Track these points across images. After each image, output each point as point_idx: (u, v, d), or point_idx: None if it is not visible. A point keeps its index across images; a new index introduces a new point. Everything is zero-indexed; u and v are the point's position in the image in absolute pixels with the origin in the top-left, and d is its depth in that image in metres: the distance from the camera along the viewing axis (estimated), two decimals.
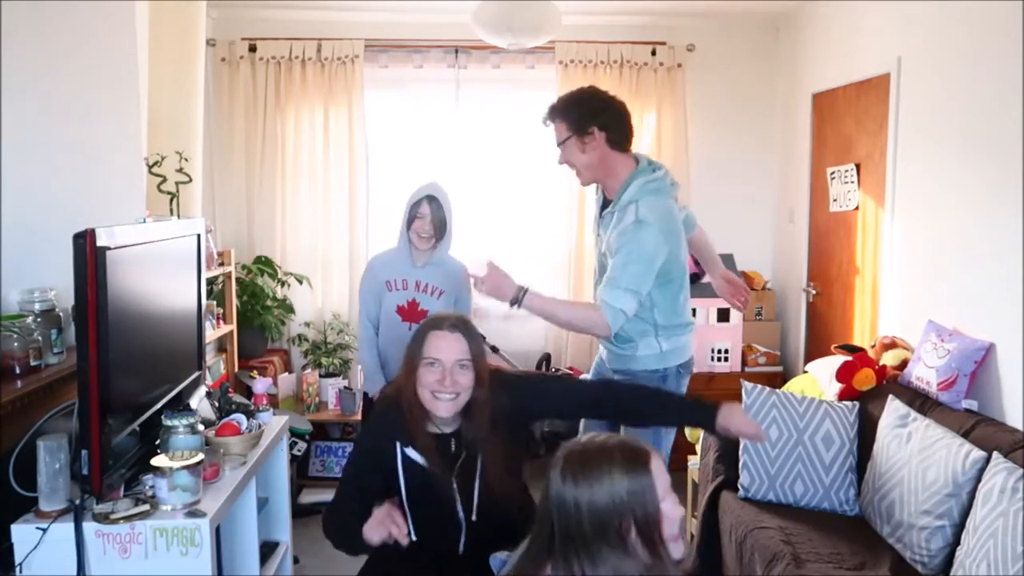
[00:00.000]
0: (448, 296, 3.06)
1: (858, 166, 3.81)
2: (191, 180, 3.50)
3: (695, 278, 4.36)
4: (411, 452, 1.89)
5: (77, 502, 1.83)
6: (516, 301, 2.40)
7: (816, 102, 4.29)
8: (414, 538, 1.85)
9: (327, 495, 4.10)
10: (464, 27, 4.00)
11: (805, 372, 3.61)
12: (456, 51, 4.60)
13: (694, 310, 4.32)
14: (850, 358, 3.17)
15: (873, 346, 3.34)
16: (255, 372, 4.03)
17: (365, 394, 3.18)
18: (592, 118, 2.45)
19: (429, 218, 2.97)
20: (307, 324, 4.62)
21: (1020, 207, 2.66)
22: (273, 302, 4.44)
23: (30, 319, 2.28)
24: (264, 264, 4.47)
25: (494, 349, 3.82)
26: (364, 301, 3.13)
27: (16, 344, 2.18)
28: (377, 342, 3.11)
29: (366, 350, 3.12)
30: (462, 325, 1.90)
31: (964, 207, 2.99)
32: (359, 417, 4.12)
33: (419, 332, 1.91)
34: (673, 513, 1.35)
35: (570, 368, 4.60)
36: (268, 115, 4.51)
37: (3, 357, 2.16)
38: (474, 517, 1.90)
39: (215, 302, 4.00)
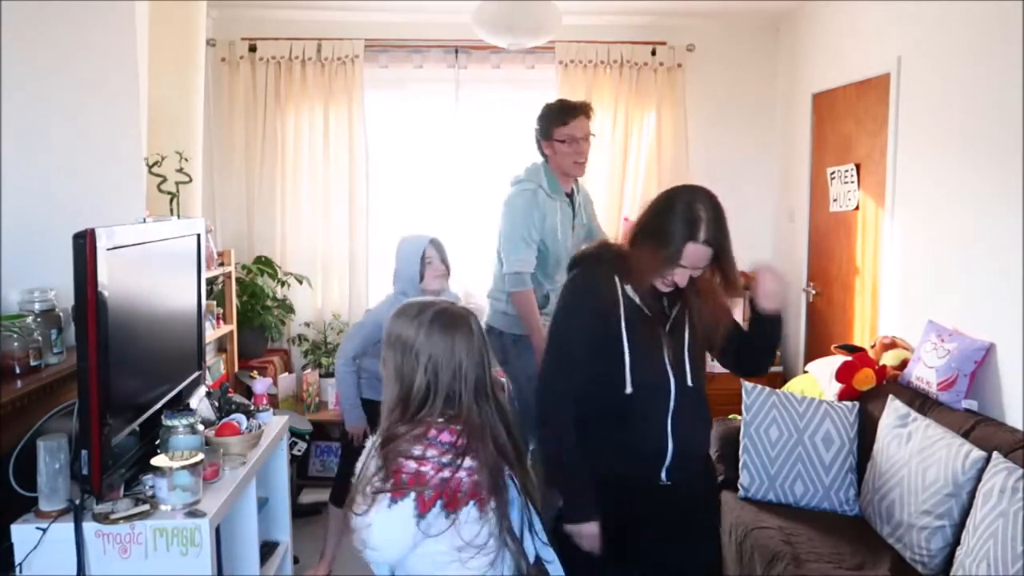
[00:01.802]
0: None
1: (858, 166, 3.80)
2: (191, 180, 3.50)
3: None
4: (630, 291, 1.96)
5: (77, 502, 1.83)
6: None
7: (816, 102, 4.28)
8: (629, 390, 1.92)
9: (327, 495, 4.11)
10: (464, 27, 4.00)
11: (805, 372, 3.61)
12: (456, 51, 4.60)
13: None
14: (850, 358, 3.17)
15: (873, 346, 3.34)
16: (255, 372, 4.03)
17: (362, 399, 3.18)
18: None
19: (438, 258, 3.06)
20: (307, 324, 4.63)
21: (1020, 207, 2.66)
22: (273, 302, 4.44)
23: (30, 319, 2.28)
24: (264, 264, 4.47)
25: None
26: (359, 345, 3.09)
27: (16, 344, 2.18)
28: (361, 376, 3.13)
29: (349, 386, 3.11)
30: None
31: (964, 207, 2.99)
32: None
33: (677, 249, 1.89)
34: None
35: None
36: (268, 115, 4.51)
37: (3, 357, 2.16)
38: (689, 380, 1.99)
39: (215, 302, 4.00)
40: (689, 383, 1.99)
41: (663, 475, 1.96)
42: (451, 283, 3.25)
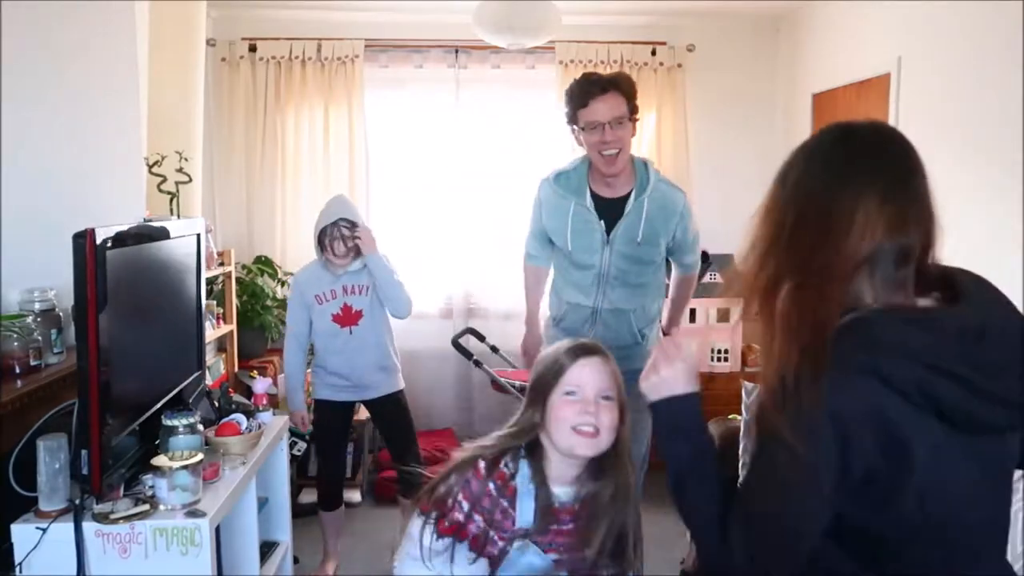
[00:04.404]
0: (372, 287, 3.08)
1: None
2: (191, 180, 3.51)
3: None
4: None
5: (77, 502, 1.82)
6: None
7: (816, 102, 4.28)
8: None
9: None
10: (464, 27, 4.00)
11: None
12: (456, 51, 4.60)
13: (694, 310, 4.34)
14: None
15: None
16: (255, 372, 4.03)
17: (317, 400, 3.20)
18: (637, 103, 2.57)
19: (340, 239, 3.00)
20: None
21: (1020, 207, 2.66)
22: (273, 302, 4.44)
23: (30, 319, 2.28)
24: (264, 264, 4.47)
25: (494, 349, 3.81)
26: (294, 318, 3.14)
27: (16, 344, 2.18)
28: (303, 358, 3.17)
29: (294, 365, 3.15)
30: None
31: (964, 207, 2.99)
32: (358, 417, 4.11)
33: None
34: (562, 412, 1.42)
35: None
36: (268, 115, 4.50)
37: (3, 357, 2.16)
38: None
39: (215, 302, 4.00)
40: None
41: None
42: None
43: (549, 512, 1.44)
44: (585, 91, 2.51)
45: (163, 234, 2.25)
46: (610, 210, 2.58)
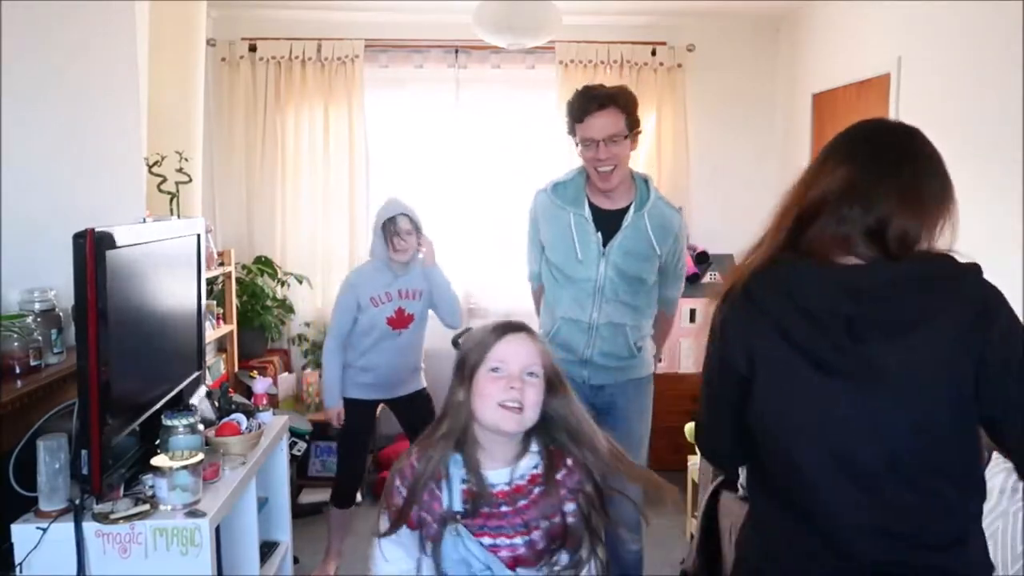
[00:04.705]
0: (426, 293, 3.18)
1: None
2: (191, 180, 3.51)
3: (695, 278, 4.38)
4: None
5: (77, 502, 1.83)
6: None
7: (816, 102, 4.28)
8: None
9: (327, 495, 4.10)
10: (464, 27, 4.00)
11: None
12: (456, 51, 4.60)
13: (693, 310, 4.34)
14: None
15: None
16: (255, 372, 4.03)
17: (345, 399, 3.22)
18: (638, 116, 2.51)
19: (405, 231, 3.08)
20: (307, 324, 4.62)
21: (1020, 207, 2.66)
22: (273, 302, 4.44)
23: (30, 319, 2.28)
24: (264, 264, 4.47)
25: None
26: (341, 320, 3.17)
27: (16, 344, 2.18)
28: (344, 356, 3.19)
29: (335, 366, 3.17)
30: None
31: (963, 207, 2.97)
32: None
33: None
34: (487, 388, 1.43)
35: None
36: (268, 115, 4.51)
37: (3, 357, 2.16)
38: None
39: (215, 302, 4.00)
40: None
41: None
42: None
43: (480, 495, 1.44)
44: (582, 107, 2.45)
45: (163, 234, 2.25)
46: (608, 222, 2.51)
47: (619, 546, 2.20)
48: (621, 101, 2.43)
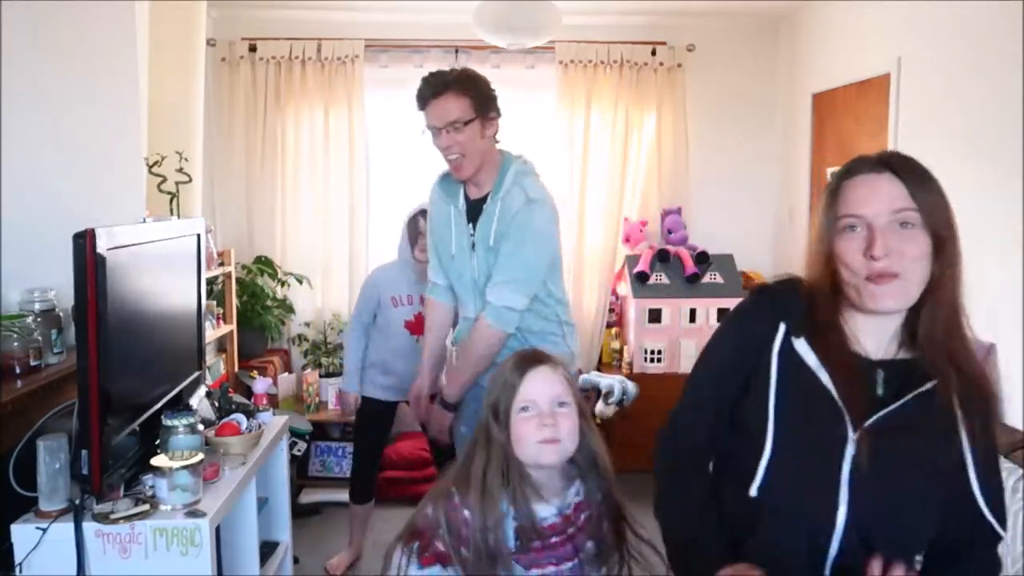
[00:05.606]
0: None
1: None
2: (191, 180, 3.50)
3: (695, 278, 4.37)
4: (800, 345, 1.31)
5: (77, 502, 1.82)
6: (450, 407, 2.41)
7: (816, 102, 4.28)
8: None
9: (327, 495, 4.09)
10: (464, 27, 4.00)
11: None
12: (456, 51, 4.60)
13: (694, 310, 4.34)
14: None
15: None
16: (255, 372, 4.03)
17: (364, 397, 3.23)
18: (494, 101, 2.38)
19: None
20: (307, 324, 4.63)
21: (1020, 207, 2.66)
22: (273, 302, 4.44)
23: (30, 319, 2.28)
24: (264, 264, 4.47)
25: None
26: (362, 308, 3.21)
27: (16, 344, 2.18)
28: (367, 347, 3.21)
29: (355, 350, 3.21)
30: None
31: (964, 207, 2.97)
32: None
33: None
34: (522, 430, 1.42)
35: None
36: (268, 115, 4.50)
37: (3, 357, 2.16)
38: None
39: (215, 302, 4.00)
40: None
41: None
42: None
43: (530, 531, 1.43)
44: (420, 94, 2.33)
45: (163, 234, 2.25)
46: (475, 211, 2.35)
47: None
48: (460, 85, 2.29)
